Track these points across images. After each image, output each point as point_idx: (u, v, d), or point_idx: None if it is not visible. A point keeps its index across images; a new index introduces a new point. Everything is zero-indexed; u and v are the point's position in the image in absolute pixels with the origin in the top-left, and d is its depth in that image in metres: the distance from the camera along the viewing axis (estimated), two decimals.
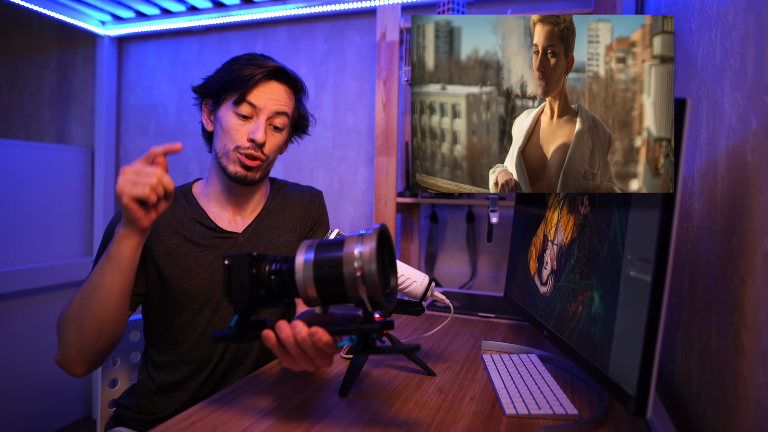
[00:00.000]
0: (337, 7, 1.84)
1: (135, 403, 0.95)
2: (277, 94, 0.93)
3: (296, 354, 0.61)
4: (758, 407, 0.51)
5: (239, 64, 0.94)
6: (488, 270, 1.76)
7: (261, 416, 0.68)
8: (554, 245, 0.86)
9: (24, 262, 2.01)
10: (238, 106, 0.90)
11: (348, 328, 0.59)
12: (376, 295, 0.56)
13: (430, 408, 0.72)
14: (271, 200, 1.05)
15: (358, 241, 0.58)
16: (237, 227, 0.99)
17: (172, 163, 2.24)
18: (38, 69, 2.49)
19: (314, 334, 0.59)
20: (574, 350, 0.72)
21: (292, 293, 0.63)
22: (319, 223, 1.09)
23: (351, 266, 0.57)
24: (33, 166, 2.05)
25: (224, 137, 0.92)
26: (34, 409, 2.03)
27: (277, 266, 0.63)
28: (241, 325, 0.63)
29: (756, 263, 0.53)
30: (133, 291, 0.89)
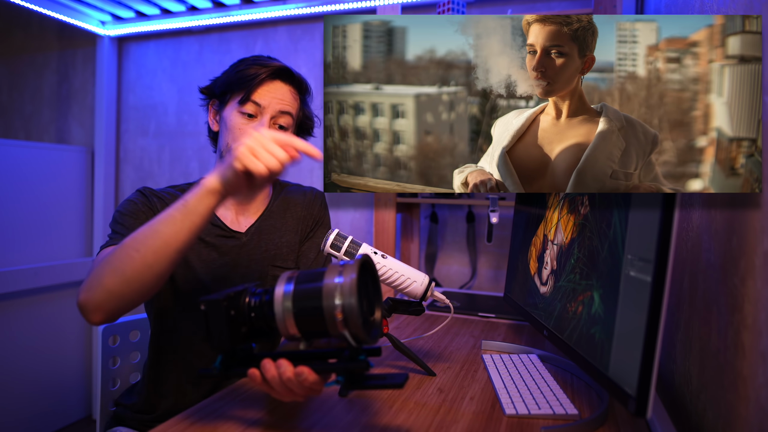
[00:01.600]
0: (337, 7, 1.84)
1: (135, 402, 0.95)
2: (282, 93, 0.93)
3: (283, 392, 0.60)
4: (758, 407, 0.51)
5: (245, 64, 0.95)
6: (488, 270, 1.76)
7: (261, 416, 0.68)
8: (554, 245, 0.86)
9: (24, 262, 2.01)
10: (242, 105, 0.91)
11: (335, 368, 0.57)
12: (358, 333, 0.54)
13: (430, 408, 0.72)
14: (274, 200, 1.05)
15: (338, 272, 0.55)
16: (240, 227, 0.99)
17: (172, 163, 2.24)
18: (38, 69, 2.48)
19: (300, 374, 0.57)
20: (574, 350, 0.72)
21: (273, 327, 0.59)
22: (320, 223, 1.09)
23: (331, 300, 0.54)
24: (33, 166, 2.05)
25: (228, 136, 0.92)
26: (34, 409, 2.02)
27: (256, 299, 0.60)
28: (225, 363, 0.61)
29: (756, 263, 0.53)
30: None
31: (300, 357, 0.59)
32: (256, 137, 0.64)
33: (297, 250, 1.04)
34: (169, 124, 2.25)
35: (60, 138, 2.43)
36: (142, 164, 2.31)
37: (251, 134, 0.64)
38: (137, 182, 2.32)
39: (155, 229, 0.69)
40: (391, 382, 0.56)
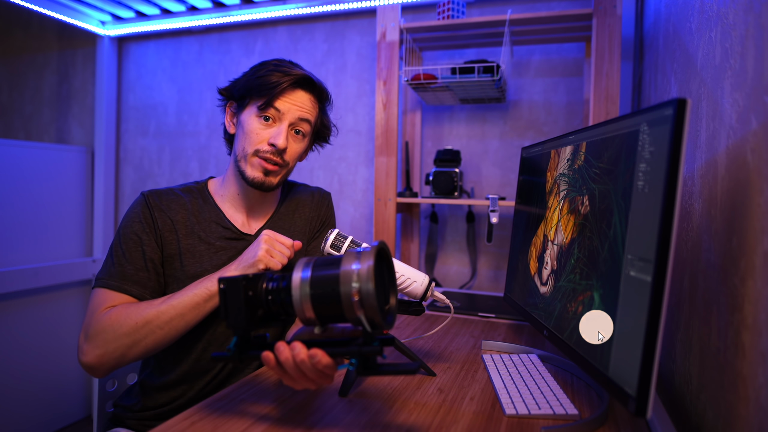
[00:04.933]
0: (337, 7, 1.84)
1: (135, 402, 0.95)
2: (302, 101, 0.93)
3: (296, 375, 0.61)
4: (758, 407, 0.51)
5: (266, 69, 0.93)
6: (488, 270, 1.76)
7: (261, 416, 0.68)
8: (554, 245, 0.86)
9: (24, 262, 2.01)
10: (263, 111, 0.90)
11: (348, 351, 0.58)
12: (374, 317, 0.55)
13: (430, 408, 0.72)
14: (282, 202, 1.06)
15: (355, 259, 0.57)
16: (251, 229, 1.00)
17: (172, 163, 2.24)
18: (38, 69, 2.48)
19: (314, 357, 0.58)
20: (574, 350, 0.72)
21: (289, 312, 0.62)
22: (326, 224, 1.11)
23: (348, 285, 0.55)
24: (33, 166, 2.05)
25: (245, 140, 0.92)
26: (34, 409, 2.02)
27: (274, 284, 0.62)
28: (240, 346, 0.63)
29: (756, 263, 0.53)
30: (160, 291, 0.91)
31: (314, 345, 0.60)
32: (269, 242, 0.81)
33: (305, 251, 1.05)
34: (169, 124, 2.25)
35: (60, 138, 2.43)
36: (142, 164, 2.31)
37: (265, 239, 0.81)
38: (137, 182, 2.32)
39: (180, 312, 0.80)
40: (404, 368, 0.57)
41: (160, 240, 0.91)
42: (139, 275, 0.88)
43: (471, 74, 1.43)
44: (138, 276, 0.88)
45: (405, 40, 1.58)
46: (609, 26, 1.34)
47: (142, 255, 0.89)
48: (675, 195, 0.53)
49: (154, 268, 0.89)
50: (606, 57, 1.34)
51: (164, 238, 0.91)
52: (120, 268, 0.87)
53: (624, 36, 1.50)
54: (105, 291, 0.86)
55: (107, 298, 0.85)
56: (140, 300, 0.86)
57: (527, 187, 1.05)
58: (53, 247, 2.14)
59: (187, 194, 0.98)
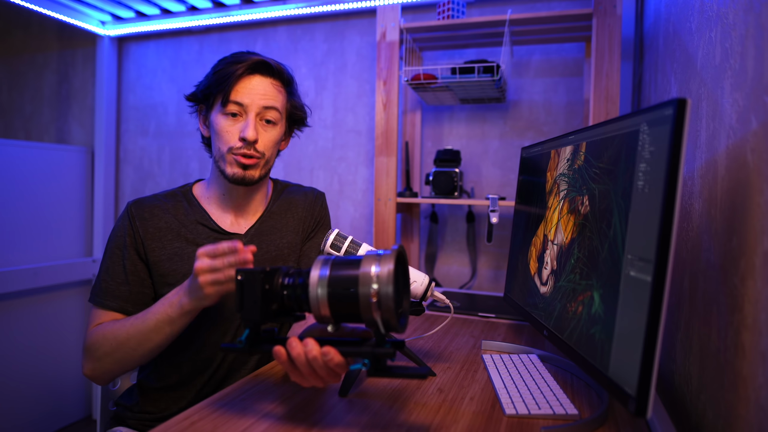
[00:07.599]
0: (337, 7, 1.84)
1: (135, 402, 0.95)
2: (263, 88, 0.91)
3: (306, 372, 0.60)
4: (758, 407, 0.51)
5: (222, 63, 0.93)
6: (488, 270, 1.76)
7: (261, 416, 0.68)
8: (554, 245, 0.86)
9: (24, 262, 2.01)
10: (225, 106, 0.90)
11: (361, 351, 0.58)
12: (390, 319, 0.56)
13: (430, 408, 0.72)
14: (274, 201, 1.05)
15: (375, 261, 0.57)
16: (240, 229, 0.99)
17: (172, 163, 2.24)
18: (38, 69, 2.48)
19: (326, 354, 0.58)
20: (574, 350, 0.72)
21: (303, 308, 0.62)
22: (320, 224, 1.09)
23: (367, 287, 0.56)
24: (33, 166, 2.05)
25: (217, 140, 0.92)
26: (34, 409, 2.02)
27: (290, 280, 0.62)
28: (251, 339, 0.63)
29: (756, 263, 0.53)
30: (145, 301, 0.91)
31: (325, 343, 0.60)
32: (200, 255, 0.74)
33: (298, 250, 1.04)
34: (169, 124, 2.25)
35: (60, 138, 2.43)
36: (142, 164, 2.31)
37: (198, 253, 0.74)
38: (137, 182, 2.32)
39: (148, 336, 0.81)
40: (415, 372, 0.58)
41: (143, 248, 0.91)
42: (120, 289, 0.90)
43: (471, 74, 1.43)
44: (120, 290, 0.90)
45: (405, 40, 1.58)
46: (609, 26, 1.34)
47: (123, 269, 0.91)
48: (675, 195, 0.53)
49: (137, 279, 0.91)
50: (606, 57, 1.34)
51: (147, 246, 0.91)
52: (104, 284, 0.90)
53: (624, 36, 1.50)
54: (93, 308, 0.91)
55: (96, 315, 0.89)
56: (124, 313, 0.89)
57: (527, 187, 1.05)
58: (53, 247, 2.14)
59: (171, 199, 0.98)
